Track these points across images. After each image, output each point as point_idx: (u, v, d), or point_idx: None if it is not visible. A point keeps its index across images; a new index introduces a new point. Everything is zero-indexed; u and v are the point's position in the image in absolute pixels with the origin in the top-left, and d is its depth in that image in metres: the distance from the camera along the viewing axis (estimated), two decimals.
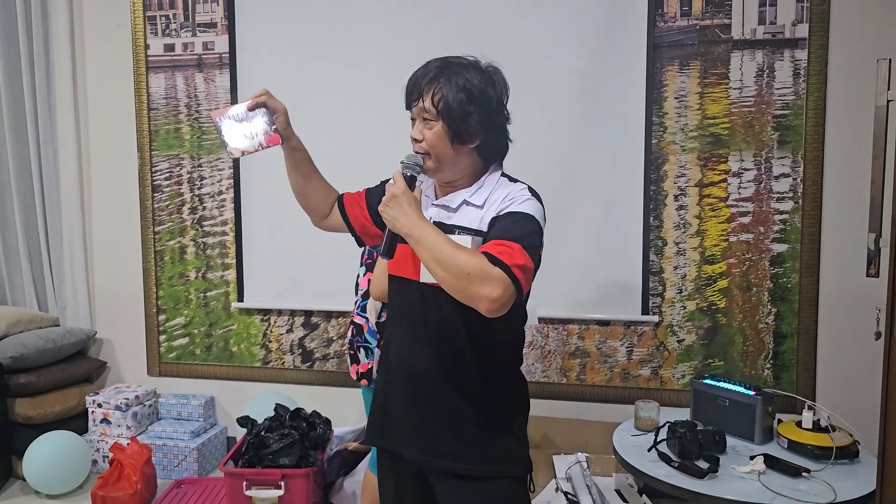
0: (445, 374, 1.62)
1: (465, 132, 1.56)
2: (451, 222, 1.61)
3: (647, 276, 3.13)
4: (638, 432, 2.67)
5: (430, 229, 1.47)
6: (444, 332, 1.61)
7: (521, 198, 1.56)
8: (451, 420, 1.63)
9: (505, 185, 1.62)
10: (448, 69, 1.57)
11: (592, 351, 3.24)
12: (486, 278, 1.39)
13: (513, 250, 1.43)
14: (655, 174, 3.10)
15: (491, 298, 1.39)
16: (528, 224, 1.52)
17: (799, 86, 2.95)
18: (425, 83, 1.57)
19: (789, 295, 3.04)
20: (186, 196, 3.59)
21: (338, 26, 3.30)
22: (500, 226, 1.52)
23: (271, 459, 2.87)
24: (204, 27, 3.49)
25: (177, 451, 3.41)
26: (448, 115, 1.54)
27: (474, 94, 1.55)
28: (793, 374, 3.06)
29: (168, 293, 3.66)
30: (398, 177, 1.54)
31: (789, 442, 2.49)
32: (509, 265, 1.41)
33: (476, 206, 1.60)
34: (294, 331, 3.54)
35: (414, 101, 1.60)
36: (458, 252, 1.42)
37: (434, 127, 1.56)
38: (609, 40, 3.05)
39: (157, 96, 3.57)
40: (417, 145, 1.60)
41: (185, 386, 3.69)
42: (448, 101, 1.54)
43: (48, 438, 3.22)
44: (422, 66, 1.61)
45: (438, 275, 1.44)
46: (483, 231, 1.56)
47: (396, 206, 1.49)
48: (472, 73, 1.56)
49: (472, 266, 1.39)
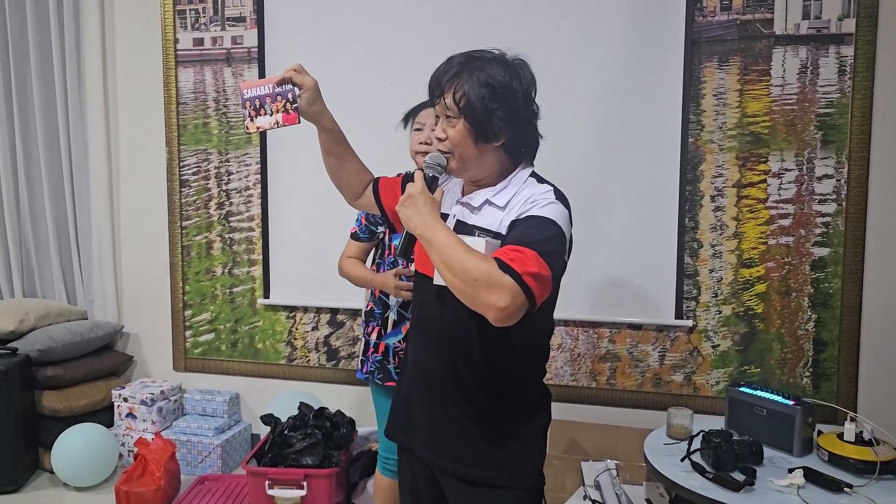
0: (455, 376, 1.58)
1: (489, 130, 1.50)
2: (472, 223, 1.56)
3: (682, 278, 3.03)
4: (670, 440, 2.58)
5: (442, 231, 1.42)
6: (455, 335, 1.57)
7: (543, 200, 1.48)
8: (461, 423, 1.59)
9: (531, 186, 1.55)
10: (471, 64, 1.50)
11: (623, 355, 3.15)
12: (494, 285, 1.32)
13: (526, 257, 1.36)
14: (692, 174, 3.00)
15: (497, 307, 1.32)
16: (547, 229, 1.44)
17: (844, 83, 2.83)
18: (447, 79, 1.51)
19: (831, 301, 2.92)
20: (214, 191, 3.57)
21: (368, 20, 3.25)
22: (518, 230, 1.45)
23: (294, 459, 2.83)
24: (233, 21, 3.47)
25: (201, 447, 3.39)
26: (470, 113, 1.48)
27: (497, 89, 1.48)
28: (833, 383, 2.95)
29: (194, 288, 3.65)
30: (418, 176, 1.51)
31: (830, 455, 2.38)
32: (520, 273, 1.33)
33: (498, 206, 1.54)
34: (319, 328, 3.51)
35: (436, 98, 1.54)
36: (467, 256, 1.36)
37: (456, 125, 1.50)
38: (645, 35, 2.96)
39: (185, 90, 3.56)
40: (440, 144, 1.55)
41: (210, 382, 3.68)
42: (470, 98, 1.48)
43: (77, 431, 3.23)
44: (444, 61, 1.55)
45: (447, 278, 1.39)
46: (501, 234, 1.50)
47: (412, 205, 1.46)
48: (496, 68, 1.50)
49: (480, 271, 1.33)
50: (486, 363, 1.56)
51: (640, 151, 3.01)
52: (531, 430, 1.61)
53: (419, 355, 1.66)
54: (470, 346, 1.55)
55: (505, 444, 1.58)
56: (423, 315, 1.67)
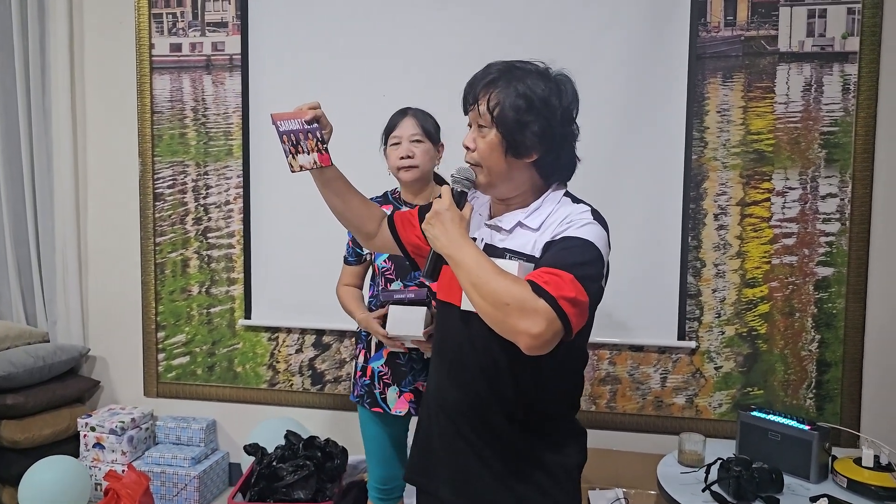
0: (481, 408, 1.47)
1: (522, 144, 1.40)
2: (502, 245, 1.46)
3: (685, 299, 2.96)
4: (685, 468, 2.49)
5: (471, 251, 1.33)
6: (483, 364, 1.45)
7: (580, 221, 1.39)
8: (487, 460, 1.47)
9: (566, 206, 1.45)
10: (509, 73, 1.41)
11: (624, 377, 3.06)
12: (527, 310, 1.22)
13: (563, 280, 1.26)
14: (695, 192, 2.94)
15: (531, 334, 1.22)
16: (585, 251, 1.34)
17: (848, 102, 2.81)
18: (482, 86, 1.42)
19: (834, 321, 2.88)
20: (191, 205, 3.37)
21: (357, 27, 3.11)
22: (553, 252, 1.35)
23: (285, 493, 2.66)
24: (214, 26, 3.29)
25: (176, 478, 3.17)
26: (503, 124, 1.38)
27: (535, 103, 1.38)
28: (836, 404, 2.91)
29: (168, 308, 3.43)
30: (445, 192, 1.41)
31: (849, 481, 2.33)
32: (556, 297, 1.23)
33: (531, 229, 1.44)
34: (304, 350, 3.33)
35: (470, 105, 1.45)
36: (498, 278, 1.27)
37: (487, 135, 1.41)
38: (649, 50, 2.89)
39: (161, 99, 3.35)
40: (469, 154, 1.45)
41: (185, 408, 3.46)
42: (504, 108, 1.38)
43: (47, 464, 2.98)
44: (483, 67, 1.45)
45: (476, 302, 1.30)
46: (534, 257, 1.40)
47: (439, 223, 1.37)
48: (536, 81, 1.40)
49: (512, 296, 1.24)
50: (515, 395, 1.45)
51: (642, 168, 2.94)
52: (566, 470, 1.50)
53: (442, 385, 1.55)
54: (499, 375, 1.44)
55: (539, 485, 1.46)
56: (447, 343, 1.55)
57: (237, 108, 3.27)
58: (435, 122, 2.31)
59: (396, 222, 1.69)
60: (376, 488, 2.39)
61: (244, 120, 3.26)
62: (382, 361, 2.30)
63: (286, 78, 3.19)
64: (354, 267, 2.42)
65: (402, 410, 2.27)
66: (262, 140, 3.24)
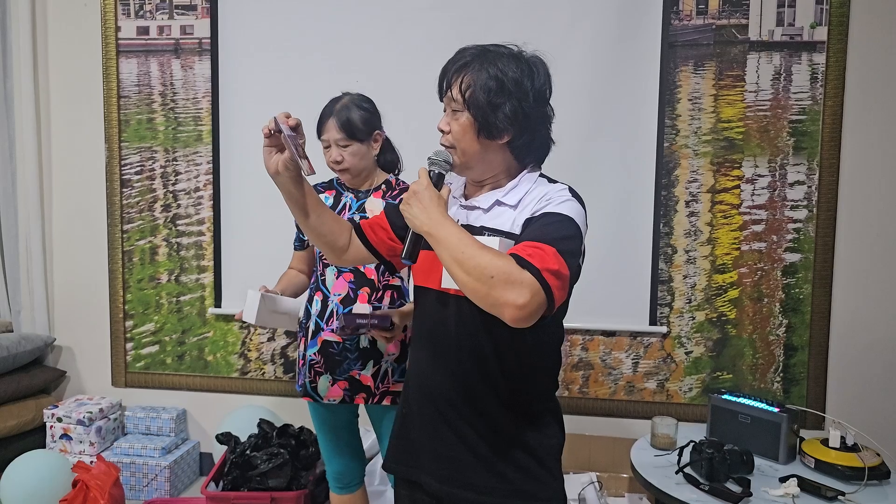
0: (468, 393, 1.45)
1: (493, 126, 1.40)
2: (479, 224, 1.45)
3: (656, 285, 3.00)
4: (658, 451, 2.52)
5: (452, 227, 1.31)
6: (467, 346, 1.44)
7: (559, 198, 1.40)
8: (473, 445, 1.45)
9: (543, 185, 1.46)
10: (482, 56, 1.41)
11: (596, 362, 3.09)
12: (512, 282, 1.22)
13: (545, 253, 1.26)
14: (666, 179, 2.97)
15: (517, 305, 1.21)
16: (565, 227, 1.35)
17: (816, 91, 2.86)
18: (455, 70, 1.42)
19: (801, 306, 2.94)
20: (159, 192, 3.31)
21: (328, 12, 3.07)
22: (534, 227, 1.36)
23: (259, 482, 2.64)
24: (182, 10, 3.22)
25: (146, 469, 3.13)
26: (475, 105, 1.39)
27: (507, 84, 1.38)
28: (803, 387, 2.97)
29: (137, 297, 3.37)
30: (422, 173, 1.41)
31: (817, 462, 2.38)
32: (540, 269, 1.24)
33: (509, 206, 1.44)
34: (276, 339, 3.30)
35: (444, 90, 1.45)
36: (481, 252, 1.26)
37: (460, 118, 1.41)
38: (622, 38, 2.91)
39: (128, 83, 3.28)
40: (443, 137, 1.46)
41: (154, 398, 3.40)
42: (475, 90, 1.39)
43: (29, 458, 2.92)
44: (457, 52, 1.45)
45: (459, 278, 1.28)
46: (514, 234, 1.40)
47: (417, 202, 1.36)
48: (508, 63, 1.40)
49: (497, 268, 1.23)
50: (499, 374, 1.44)
51: (615, 155, 2.96)
52: (550, 451, 1.49)
53: (423, 371, 1.53)
54: (483, 355, 1.43)
55: (531, 469, 1.45)
56: (428, 327, 1.53)
57: (207, 94, 3.22)
58: (365, 114, 2.19)
59: (366, 230, 1.66)
60: (332, 478, 2.36)
61: (213, 105, 3.21)
62: (316, 349, 2.23)
63: (256, 62, 3.14)
64: (300, 252, 2.42)
65: (336, 399, 2.20)
66: (232, 126, 3.19)
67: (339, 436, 2.32)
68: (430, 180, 1.39)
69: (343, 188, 2.27)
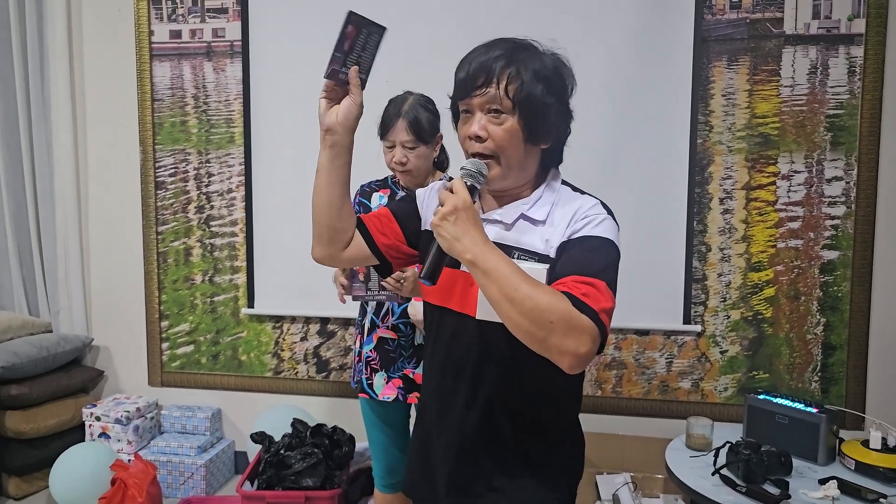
0: (491, 423, 1.36)
1: (543, 129, 1.29)
2: (507, 242, 1.32)
3: (690, 283, 2.96)
4: (694, 452, 2.49)
5: (500, 258, 1.18)
6: (498, 377, 1.34)
7: (595, 216, 1.29)
8: (491, 478, 1.37)
9: (570, 198, 1.35)
10: (519, 52, 1.29)
11: (630, 362, 3.06)
12: (573, 328, 1.11)
13: (599, 290, 1.17)
14: (700, 176, 2.93)
15: (578, 354, 1.12)
16: (608, 252, 1.25)
17: (854, 84, 2.80)
18: (499, 69, 1.27)
19: (840, 304, 2.89)
20: (193, 194, 3.35)
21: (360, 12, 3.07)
22: (577, 254, 1.24)
23: (293, 481, 2.66)
24: (214, 13, 3.25)
25: (182, 467, 3.17)
26: (528, 108, 1.26)
27: (552, 84, 1.29)
28: (842, 387, 2.92)
29: (172, 297, 3.42)
30: (459, 186, 1.22)
31: (857, 463, 2.34)
32: (597, 311, 1.14)
33: (537, 221, 1.32)
34: (309, 339, 3.32)
35: (478, 88, 1.28)
36: (537, 291, 1.14)
37: (506, 122, 1.27)
38: (654, 33, 2.87)
39: (161, 86, 3.32)
40: (479, 145, 1.28)
41: (189, 397, 3.45)
42: (529, 92, 1.26)
43: (78, 451, 3.03)
44: (481, 46, 1.31)
45: (511, 318, 1.15)
46: (548, 256, 1.28)
47: (460, 223, 1.18)
48: (544, 59, 1.30)
49: (557, 312, 1.12)
50: (526, 407, 1.35)
51: (647, 152, 2.93)
52: (570, 486, 1.42)
53: (446, 399, 1.41)
54: (511, 388, 1.34)
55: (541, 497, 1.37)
56: (444, 352, 1.41)
57: (238, 95, 3.25)
58: (430, 116, 2.20)
59: (368, 224, 1.49)
60: (379, 476, 2.39)
61: (245, 107, 3.24)
62: (372, 346, 2.27)
63: (287, 63, 3.16)
64: None
65: (390, 396, 2.24)
66: (263, 127, 3.21)
67: (390, 434, 2.34)
68: (469, 195, 1.21)
69: (397, 187, 2.29)
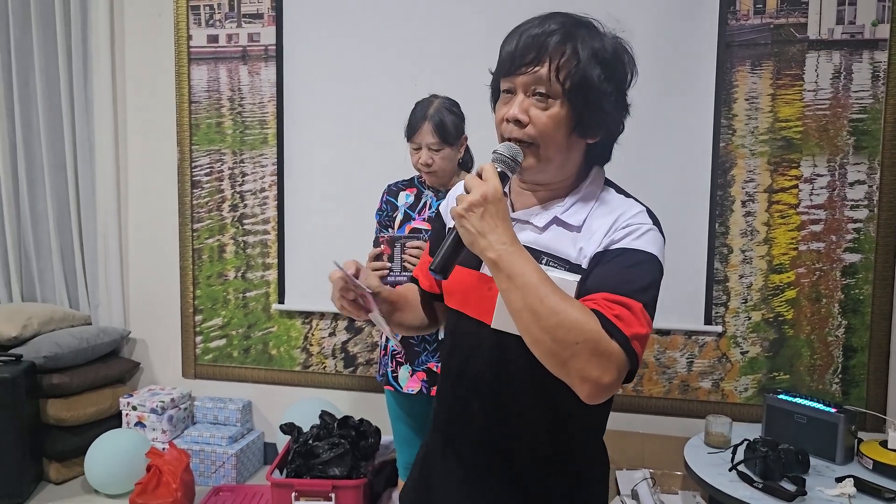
0: (500, 449, 1.22)
1: (594, 120, 1.14)
2: (538, 247, 1.17)
3: (711, 284, 3.00)
4: (712, 449, 2.54)
5: (528, 264, 1.03)
6: (506, 393, 1.20)
7: (639, 227, 1.12)
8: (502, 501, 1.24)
9: (612, 202, 1.18)
10: (578, 29, 1.13)
11: (651, 361, 3.11)
12: (600, 354, 0.98)
13: (634, 314, 1.03)
14: (722, 179, 2.97)
15: (600, 383, 0.99)
16: (650, 270, 1.09)
17: (878, 89, 2.83)
18: (553, 45, 1.11)
19: (861, 307, 2.91)
20: (227, 193, 3.47)
21: (390, 18, 3.17)
22: (614, 269, 1.08)
23: (321, 470, 2.75)
24: (250, 18, 3.37)
25: (214, 456, 3.28)
26: (580, 95, 1.10)
27: (612, 69, 1.14)
28: (863, 389, 2.93)
29: (205, 293, 3.54)
30: (490, 172, 1.07)
31: (875, 463, 2.37)
32: (629, 336, 1.01)
33: (572, 227, 1.16)
34: (337, 334, 3.42)
35: (525, 66, 1.12)
36: (566, 308, 0.99)
37: (552, 107, 1.11)
38: (678, 38, 2.93)
39: (198, 89, 3.45)
40: (518, 130, 1.12)
41: (221, 389, 3.57)
42: (585, 75, 1.10)
43: (111, 437, 3.18)
44: (535, 18, 1.17)
45: (532, 333, 1.02)
46: (579, 266, 1.13)
47: (488, 217, 1.03)
48: (605, 40, 1.14)
49: (585, 334, 0.98)
50: (542, 430, 1.20)
51: (671, 155, 2.98)
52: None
53: (458, 416, 1.28)
54: (523, 407, 1.19)
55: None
56: (458, 362, 1.27)
57: (272, 98, 3.36)
58: (455, 119, 2.27)
59: (421, 283, 1.43)
60: (403, 467, 2.47)
61: (278, 109, 3.35)
62: (398, 339, 2.36)
63: (319, 67, 3.26)
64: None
65: (414, 389, 2.31)
66: (295, 129, 3.32)
67: (413, 426, 2.42)
68: (500, 185, 1.06)
69: (424, 186, 2.38)
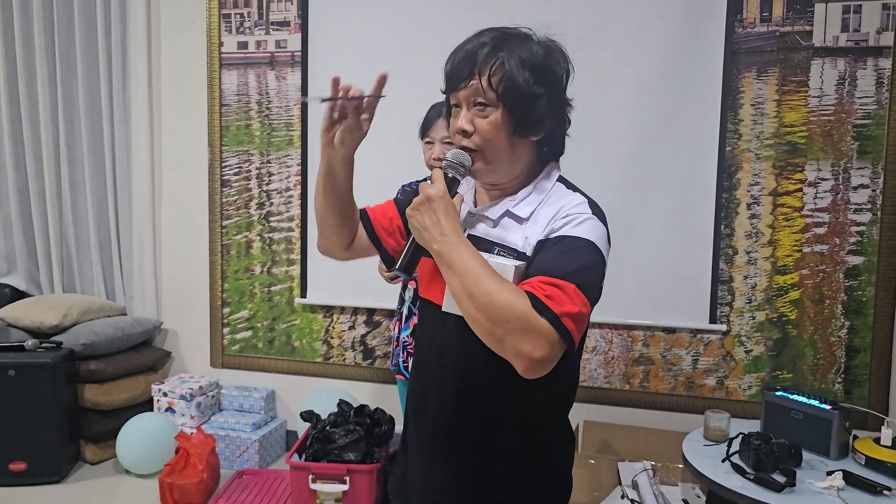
0: (468, 427, 1.31)
1: (531, 121, 1.23)
2: (490, 238, 1.28)
3: (716, 284, 3.09)
4: (708, 442, 2.63)
5: (466, 251, 1.16)
6: (469, 376, 1.29)
7: (578, 216, 1.21)
8: (474, 487, 1.32)
9: (559, 196, 1.27)
10: (507, 41, 1.24)
11: (657, 358, 3.21)
12: (529, 331, 1.08)
13: (565, 292, 1.11)
14: (728, 182, 3.06)
15: (532, 358, 1.09)
16: (586, 254, 1.18)
17: (882, 95, 2.89)
18: (483, 58, 1.22)
19: (864, 308, 2.97)
20: (254, 191, 3.65)
21: (412, 26, 3.31)
22: (550, 254, 1.18)
23: (337, 454, 2.90)
24: (277, 25, 3.55)
25: (239, 442, 3.46)
26: (512, 99, 1.21)
27: (542, 71, 1.23)
28: (865, 389, 3.00)
29: (233, 287, 3.72)
30: (438, 176, 1.22)
31: (867, 458, 2.43)
32: (558, 314, 1.09)
33: (520, 218, 1.27)
34: (356, 328, 3.58)
35: (462, 80, 1.24)
36: (498, 289, 1.11)
37: (490, 115, 1.22)
38: (685, 45, 3.02)
39: (229, 93, 3.64)
40: (466, 140, 1.25)
41: (247, 378, 3.75)
42: (514, 81, 1.21)
43: (141, 420, 3.38)
44: (471, 37, 1.28)
45: (469, 313, 1.13)
46: (525, 255, 1.23)
47: (429, 212, 1.19)
48: (534, 47, 1.25)
49: (515, 313, 1.09)
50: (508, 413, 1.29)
51: (677, 158, 3.07)
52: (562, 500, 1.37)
53: (421, 399, 1.38)
54: (488, 386, 1.28)
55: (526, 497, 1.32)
56: (426, 346, 1.38)
57: (298, 102, 3.53)
58: None
59: (372, 218, 1.47)
60: None
61: (304, 112, 3.52)
62: (409, 332, 2.54)
63: (342, 73, 3.38)
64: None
65: None
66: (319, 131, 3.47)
67: None
68: (446, 186, 1.21)
69: None
